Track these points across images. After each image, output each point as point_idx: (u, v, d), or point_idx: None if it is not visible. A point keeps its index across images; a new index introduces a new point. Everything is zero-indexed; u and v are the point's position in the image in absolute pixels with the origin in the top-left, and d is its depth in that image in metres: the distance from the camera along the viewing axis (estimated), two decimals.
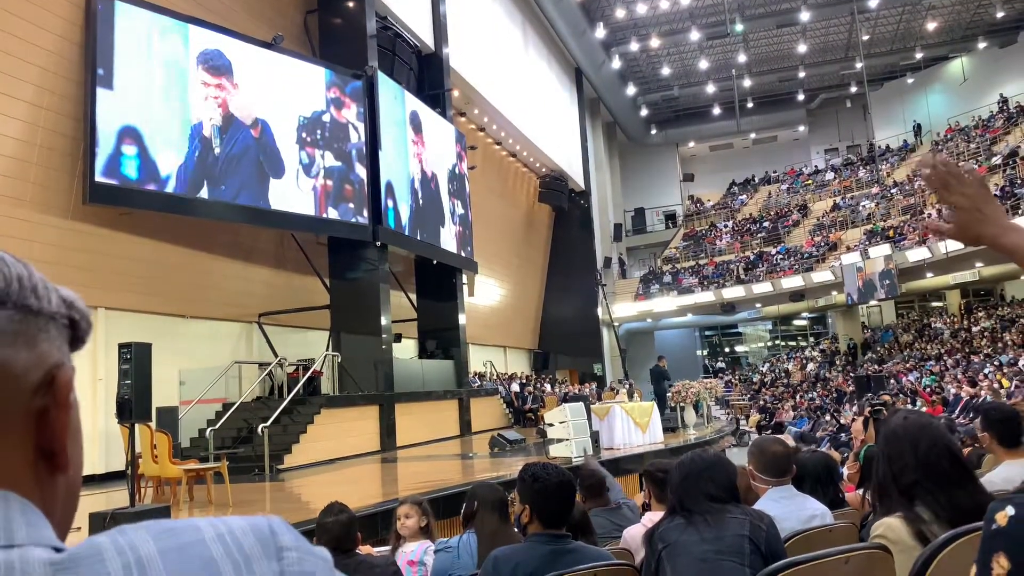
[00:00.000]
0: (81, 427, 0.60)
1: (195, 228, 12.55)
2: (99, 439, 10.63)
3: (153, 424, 7.87)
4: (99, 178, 10.39)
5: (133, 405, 6.04)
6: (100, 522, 5.03)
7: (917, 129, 32.50)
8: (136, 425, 6.55)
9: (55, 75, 10.47)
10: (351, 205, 14.17)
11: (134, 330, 10.27)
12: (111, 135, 10.59)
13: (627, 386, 18.09)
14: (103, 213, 11.02)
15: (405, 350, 17.25)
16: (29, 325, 0.54)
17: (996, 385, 15.86)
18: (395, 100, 15.55)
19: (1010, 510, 0.74)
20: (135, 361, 6.11)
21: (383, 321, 14.21)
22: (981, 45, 30.76)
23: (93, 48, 10.57)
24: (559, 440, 10.46)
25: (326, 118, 13.87)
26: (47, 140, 10.38)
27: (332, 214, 13.79)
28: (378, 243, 14.34)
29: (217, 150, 12.07)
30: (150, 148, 11.05)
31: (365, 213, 14.31)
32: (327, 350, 14.12)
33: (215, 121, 12.14)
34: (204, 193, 11.75)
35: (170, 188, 11.27)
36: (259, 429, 10.75)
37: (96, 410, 10.51)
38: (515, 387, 20.72)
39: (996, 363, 19.27)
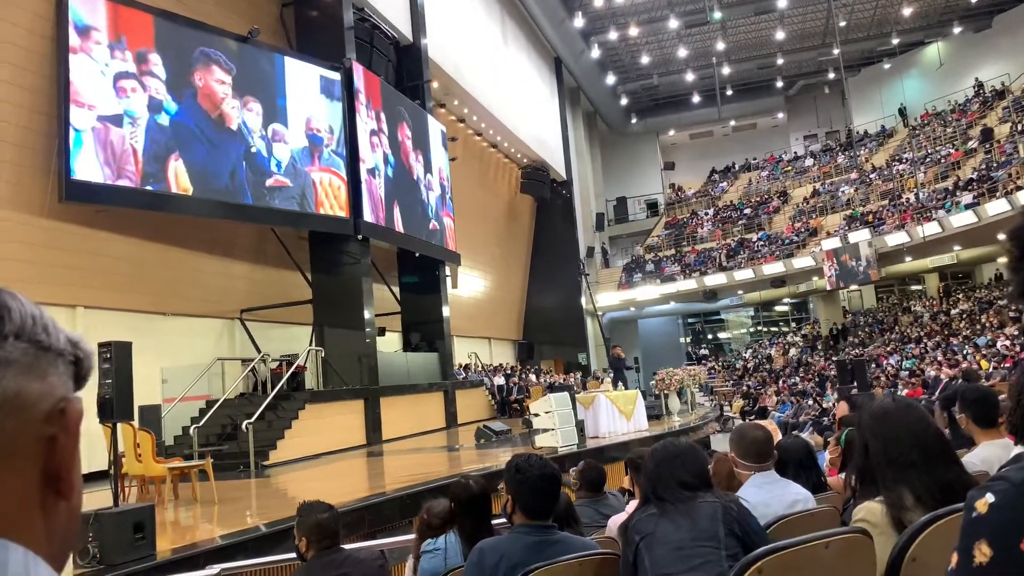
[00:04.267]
0: (80, 458, 0.62)
1: (173, 224, 12.43)
2: (81, 439, 10.51)
3: (136, 423, 7.79)
4: (74, 175, 10.27)
5: (114, 404, 5.97)
6: (83, 523, 4.98)
7: (903, 112, 32.64)
8: (118, 424, 6.49)
9: (26, 71, 10.30)
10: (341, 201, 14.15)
11: (114, 328, 10.17)
12: (85, 130, 10.47)
13: (611, 374, 18.16)
14: (79, 211, 10.88)
15: (389, 343, 17.20)
16: (40, 359, 0.59)
17: (975, 366, 16.07)
18: (375, 92, 15.45)
19: (990, 497, 0.74)
20: (115, 360, 6.03)
21: (366, 315, 14.16)
22: (956, 30, 30.98)
23: (65, 43, 10.41)
24: (545, 430, 10.48)
25: (313, 113, 13.77)
26: (20, 137, 10.21)
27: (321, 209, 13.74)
28: (359, 237, 14.26)
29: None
30: (123, 143, 10.93)
31: (346, 206, 14.22)
32: (310, 345, 14.05)
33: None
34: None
35: (148, 185, 11.16)
36: (243, 425, 10.69)
37: None
38: (499, 380, 20.72)
39: (974, 345, 19.52)
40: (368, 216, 14.44)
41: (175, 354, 12.38)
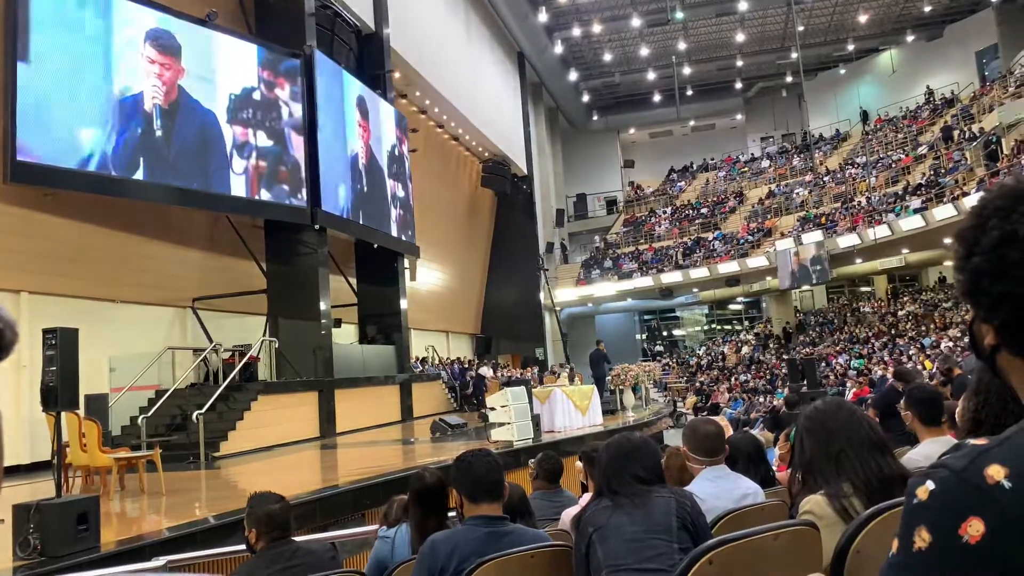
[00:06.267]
0: (1, 436, 0.58)
1: (124, 209, 12.12)
2: (24, 428, 10.23)
3: (81, 412, 7.60)
4: (20, 156, 9.95)
5: (59, 392, 5.82)
6: (25, 513, 4.84)
7: (864, 116, 33.26)
8: (62, 413, 6.32)
9: None
10: (286, 187, 13.88)
11: (61, 315, 9.88)
12: (28, 110, 10.16)
13: (568, 370, 18.26)
14: (25, 193, 10.56)
15: (345, 335, 17.04)
16: None
17: (920, 367, 16.54)
18: (334, 80, 15.27)
19: (930, 484, 0.76)
20: (61, 347, 5.87)
21: (322, 306, 14.01)
22: (909, 38, 31.79)
23: (13, 19, 10.08)
24: (501, 424, 10.50)
25: (256, 96, 13.52)
26: None
27: (265, 196, 13.49)
28: (317, 226, 14.09)
29: (159, 132, 11.79)
30: (69, 125, 10.63)
31: (303, 195, 14.04)
32: (264, 335, 13.85)
33: (157, 100, 11.86)
34: (140, 174, 11.45)
35: (93, 167, 10.86)
36: (194, 416, 10.50)
37: (20, 398, 10.12)
38: (486, 371, 20.59)
39: (920, 345, 20.08)
40: (325, 205, 14.27)
41: (124, 342, 12.11)
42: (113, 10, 11.38)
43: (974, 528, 0.70)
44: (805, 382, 14.28)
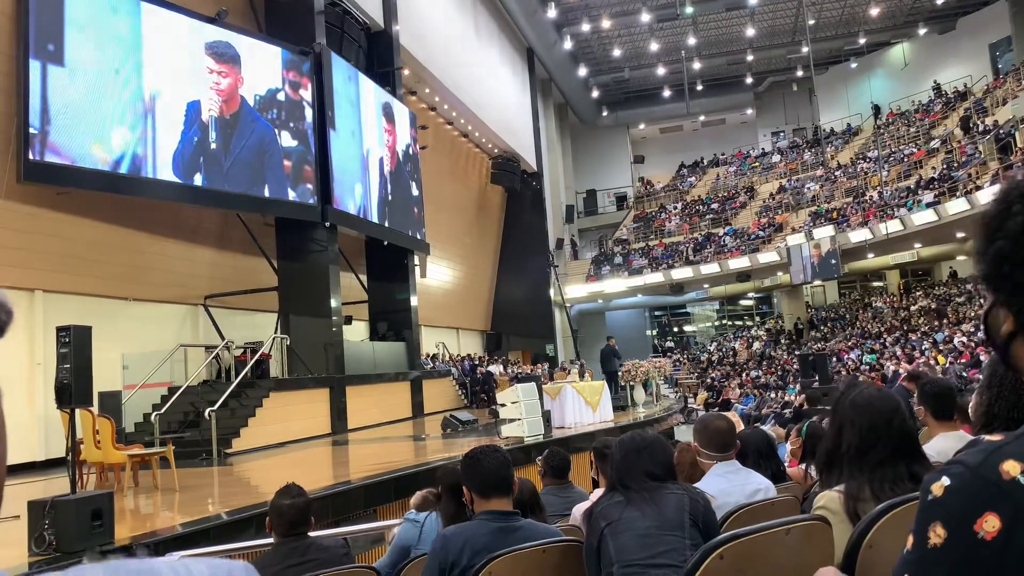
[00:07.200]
0: (3, 422, 0.57)
1: (136, 208, 12.20)
2: (38, 425, 10.32)
3: (95, 409, 7.66)
4: (47, 157, 10.10)
5: (73, 390, 5.87)
6: (40, 510, 4.88)
7: (876, 110, 33.01)
8: (76, 410, 6.37)
9: None
10: (310, 186, 13.97)
11: (74, 313, 9.98)
12: (61, 112, 10.30)
13: (578, 366, 18.26)
14: (39, 192, 10.63)
15: (356, 332, 17.09)
16: None
17: (932, 362, 16.44)
18: (349, 81, 15.32)
19: (945, 480, 0.76)
20: (74, 345, 5.93)
21: (333, 303, 14.05)
22: (921, 31, 31.51)
23: (25, 21, 10.15)
24: (511, 420, 10.50)
25: (281, 96, 13.62)
26: None
27: (291, 195, 13.60)
28: (327, 224, 14.13)
29: (215, 144, 12.15)
30: (101, 126, 10.78)
31: (315, 193, 14.09)
32: (275, 333, 13.91)
33: (213, 112, 12.23)
34: (199, 180, 11.96)
35: (124, 168, 11.04)
36: (206, 413, 10.56)
37: (35, 395, 10.20)
38: (496, 368, 20.59)
39: (932, 340, 19.95)
40: (336, 203, 14.31)
41: (137, 340, 12.18)
42: (142, 14, 11.54)
43: (990, 524, 0.70)
44: (817, 378, 14.23)
